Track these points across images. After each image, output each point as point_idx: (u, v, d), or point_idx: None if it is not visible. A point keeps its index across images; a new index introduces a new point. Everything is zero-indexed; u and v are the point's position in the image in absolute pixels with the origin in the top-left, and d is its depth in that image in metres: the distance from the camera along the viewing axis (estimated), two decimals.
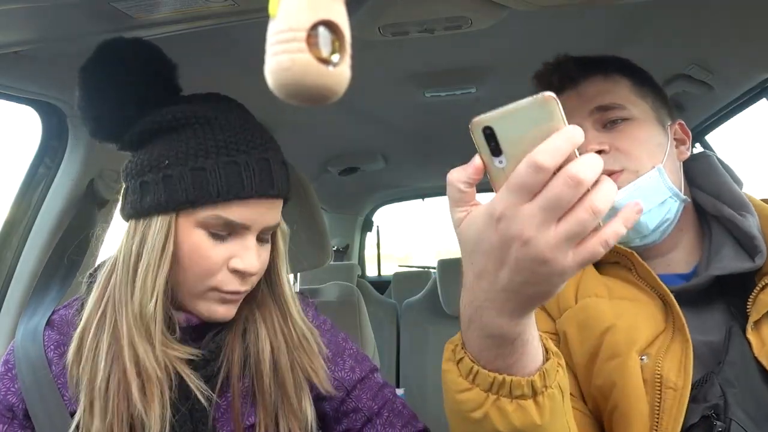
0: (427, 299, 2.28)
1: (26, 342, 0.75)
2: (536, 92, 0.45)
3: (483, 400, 0.53)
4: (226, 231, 0.69)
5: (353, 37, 0.35)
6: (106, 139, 0.73)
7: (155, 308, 0.68)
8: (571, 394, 0.71)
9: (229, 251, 0.70)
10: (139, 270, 0.68)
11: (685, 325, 0.70)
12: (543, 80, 0.86)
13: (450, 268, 2.13)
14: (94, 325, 0.71)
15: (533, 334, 0.53)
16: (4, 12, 0.65)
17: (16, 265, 1.09)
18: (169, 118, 0.68)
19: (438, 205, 3.45)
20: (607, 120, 0.79)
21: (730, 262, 0.73)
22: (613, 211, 0.71)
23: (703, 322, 0.73)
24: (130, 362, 0.68)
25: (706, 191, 0.83)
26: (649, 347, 0.70)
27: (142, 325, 0.69)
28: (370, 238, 3.56)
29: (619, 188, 0.74)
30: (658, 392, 0.67)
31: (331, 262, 2.00)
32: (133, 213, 0.70)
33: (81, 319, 0.72)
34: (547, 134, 0.43)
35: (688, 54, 1.22)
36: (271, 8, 0.33)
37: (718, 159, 0.85)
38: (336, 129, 1.80)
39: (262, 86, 0.33)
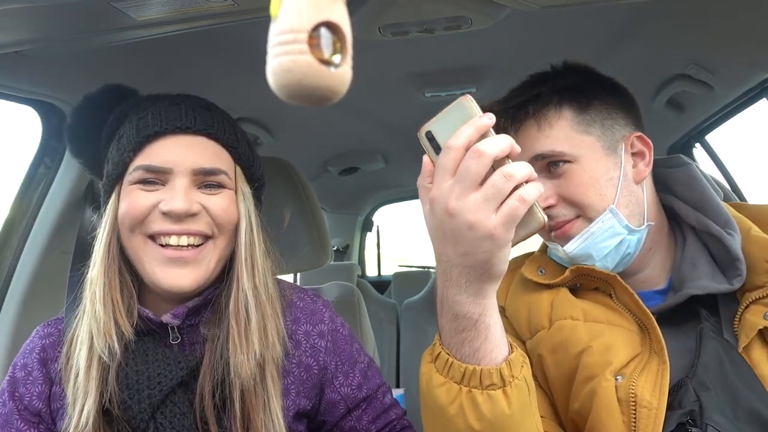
0: (427, 299, 2.27)
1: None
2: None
3: (456, 392, 0.57)
4: (153, 177, 0.72)
5: (353, 37, 0.35)
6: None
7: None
8: (546, 417, 0.73)
9: (158, 197, 0.71)
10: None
11: (665, 348, 0.69)
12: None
13: None
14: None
15: (495, 319, 0.58)
16: (4, 12, 0.65)
17: (16, 265, 1.09)
18: (108, 125, 0.78)
19: None
20: (549, 163, 0.76)
21: (707, 281, 0.72)
22: (569, 259, 0.79)
23: (677, 334, 0.72)
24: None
25: (689, 203, 0.79)
26: (624, 368, 0.70)
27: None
28: (370, 238, 3.56)
29: (573, 236, 0.74)
30: (633, 411, 0.67)
31: (331, 262, 1.99)
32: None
33: None
34: None
35: (688, 54, 1.21)
36: (273, 9, 0.33)
37: (698, 168, 0.81)
38: (336, 129, 1.80)
39: (262, 86, 0.33)
